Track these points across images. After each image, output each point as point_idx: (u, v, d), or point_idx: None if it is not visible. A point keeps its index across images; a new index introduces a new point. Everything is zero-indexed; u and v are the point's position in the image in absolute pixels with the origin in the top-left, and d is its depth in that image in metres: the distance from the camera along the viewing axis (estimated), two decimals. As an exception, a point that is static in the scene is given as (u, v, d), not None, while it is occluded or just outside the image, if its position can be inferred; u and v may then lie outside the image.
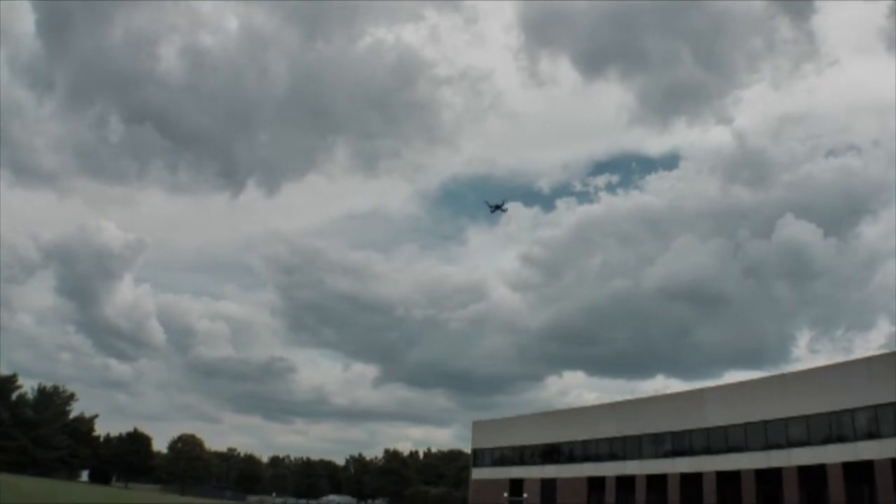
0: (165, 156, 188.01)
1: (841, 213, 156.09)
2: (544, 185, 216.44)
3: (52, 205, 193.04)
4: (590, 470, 66.24)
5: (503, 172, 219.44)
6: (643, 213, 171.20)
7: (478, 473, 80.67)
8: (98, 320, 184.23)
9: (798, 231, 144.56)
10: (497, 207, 73.64)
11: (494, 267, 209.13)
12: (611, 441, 65.48)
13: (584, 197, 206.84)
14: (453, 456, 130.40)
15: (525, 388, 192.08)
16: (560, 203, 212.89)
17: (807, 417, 49.41)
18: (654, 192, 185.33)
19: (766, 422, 52.17)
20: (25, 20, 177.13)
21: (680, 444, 58.99)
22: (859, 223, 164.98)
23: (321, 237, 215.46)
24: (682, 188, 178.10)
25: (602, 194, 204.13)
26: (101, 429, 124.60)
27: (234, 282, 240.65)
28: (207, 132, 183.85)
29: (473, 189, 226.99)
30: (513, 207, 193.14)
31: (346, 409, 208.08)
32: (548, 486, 70.23)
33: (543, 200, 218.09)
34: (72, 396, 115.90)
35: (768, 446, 51.74)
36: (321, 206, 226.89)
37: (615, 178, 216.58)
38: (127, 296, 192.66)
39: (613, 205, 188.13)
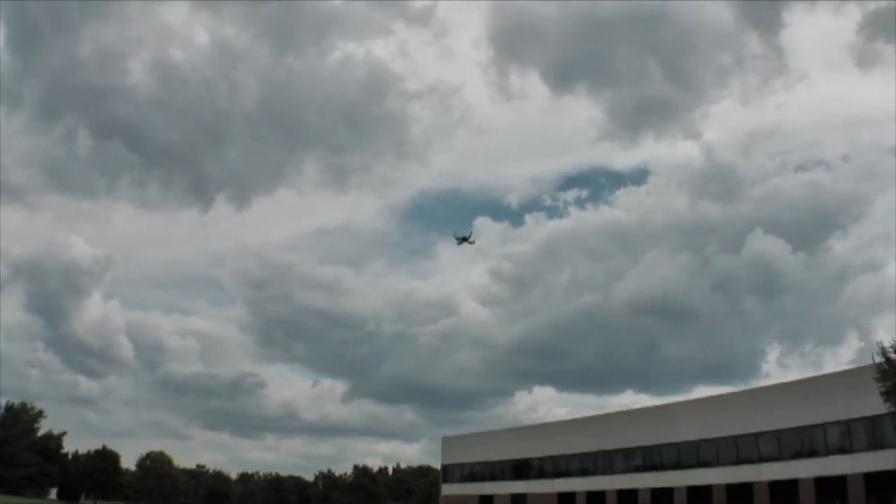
0: (134, 171, 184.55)
1: (810, 227, 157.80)
2: (513, 199, 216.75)
3: (21, 220, 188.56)
4: (560, 485, 65.49)
5: (472, 187, 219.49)
6: (612, 228, 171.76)
7: (448, 489, 79.57)
8: (67, 337, 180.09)
9: (767, 246, 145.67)
10: (464, 240, 72.63)
11: (464, 282, 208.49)
12: (581, 456, 64.90)
13: (554, 212, 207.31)
14: (423, 472, 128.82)
15: (494, 403, 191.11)
16: (529, 218, 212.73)
17: (778, 432, 49.22)
18: (623, 207, 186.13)
19: (736, 436, 51.94)
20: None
21: (650, 458, 58.60)
22: (828, 238, 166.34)
23: (291, 252, 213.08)
24: (650, 203, 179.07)
25: (571, 209, 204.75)
26: (70, 446, 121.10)
27: (204, 297, 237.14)
28: (177, 147, 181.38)
29: (442, 204, 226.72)
30: (482, 222, 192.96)
31: (316, 424, 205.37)
32: (518, 501, 69.52)
33: (513, 215, 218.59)
34: (40, 413, 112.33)
35: (739, 461, 51.45)
36: (291, 220, 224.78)
37: (584, 193, 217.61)
38: (95, 312, 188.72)
39: (583, 219, 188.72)
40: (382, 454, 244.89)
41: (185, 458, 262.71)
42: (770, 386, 54.56)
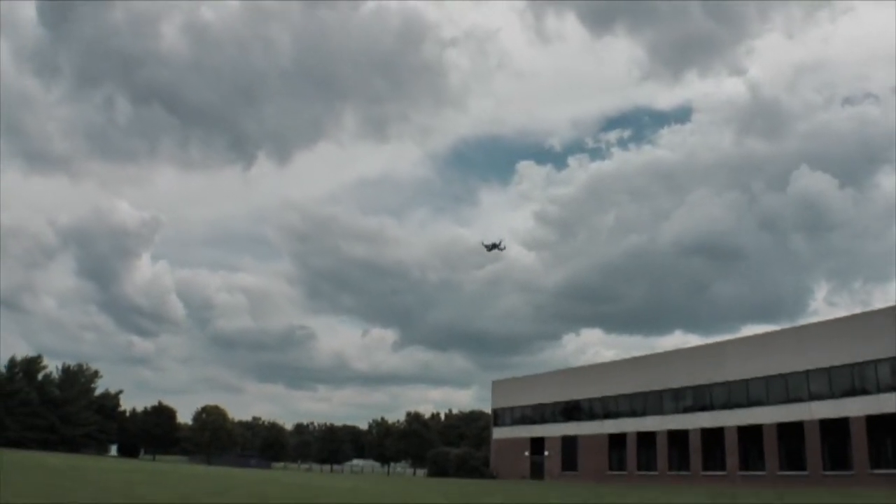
0: (174, 133, 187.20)
1: (857, 163, 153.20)
2: (556, 142, 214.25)
3: (66, 189, 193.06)
4: (610, 426, 66.01)
5: (513, 132, 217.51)
6: (656, 168, 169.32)
7: (498, 433, 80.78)
8: (118, 299, 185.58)
9: (814, 182, 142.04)
10: (494, 246, 72.26)
11: (508, 226, 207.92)
12: (631, 397, 65.06)
13: (597, 153, 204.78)
14: (474, 417, 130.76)
15: (542, 346, 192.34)
16: (572, 160, 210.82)
17: (828, 370, 48.65)
18: (667, 147, 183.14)
19: (786, 374, 51.51)
20: (27, 8, 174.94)
21: (700, 398, 58.53)
22: (877, 173, 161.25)
23: (334, 204, 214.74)
24: (695, 141, 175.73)
25: (614, 150, 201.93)
26: (127, 404, 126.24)
27: (250, 253, 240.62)
28: (215, 107, 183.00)
29: (484, 149, 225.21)
30: (525, 166, 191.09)
31: (367, 373, 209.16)
32: (569, 443, 70.24)
33: (555, 158, 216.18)
34: (96, 374, 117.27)
35: (789, 399, 51.13)
36: (332, 173, 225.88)
37: (627, 134, 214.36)
38: (145, 273, 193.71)
39: (626, 160, 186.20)
40: (434, 401, 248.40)
41: (239, 411, 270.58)
42: (820, 323, 53.67)
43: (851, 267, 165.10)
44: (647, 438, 61.95)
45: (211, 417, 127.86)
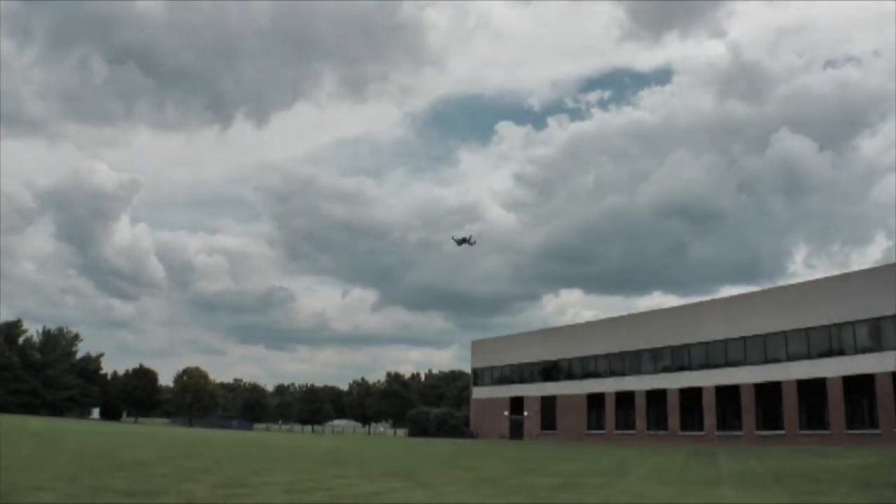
0: (151, 94, 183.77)
1: (838, 126, 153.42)
2: (535, 102, 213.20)
3: (43, 152, 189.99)
4: (590, 386, 66.50)
5: (493, 92, 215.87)
6: (636, 129, 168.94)
7: (478, 393, 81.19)
8: (98, 262, 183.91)
9: (793, 145, 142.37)
10: (464, 241, 70.54)
11: (487, 187, 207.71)
12: (609, 357, 65.46)
13: (576, 114, 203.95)
14: (454, 376, 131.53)
15: (522, 307, 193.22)
16: (552, 121, 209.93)
17: (805, 331, 49.10)
18: (647, 108, 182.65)
19: (764, 335, 51.91)
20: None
21: (679, 358, 58.93)
22: (856, 136, 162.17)
23: (313, 165, 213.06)
24: (675, 103, 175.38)
25: (594, 111, 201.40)
26: (108, 367, 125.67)
27: (230, 215, 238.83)
28: (191, 68, 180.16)
29: (463, 110, 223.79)
30: (504, 126, 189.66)
31: (347, 334, 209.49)
32: (548, 403, 70.79)
33: (535, 118, 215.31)
34: (76, 337, 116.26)
35: (767, 360, 51.63)
36: (311, 134, 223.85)
37: (607, 95, 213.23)
38: (125, 236, 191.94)
39: (606, 121, 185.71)
40: (414, 361, 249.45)
41: (221, 373, 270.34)
42: (798, 284, 53.94)
43: (830, 230, 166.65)
44: (625, 398, 62.48)
45: (192, 380, 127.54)
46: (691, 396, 56.58)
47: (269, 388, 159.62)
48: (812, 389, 48.14)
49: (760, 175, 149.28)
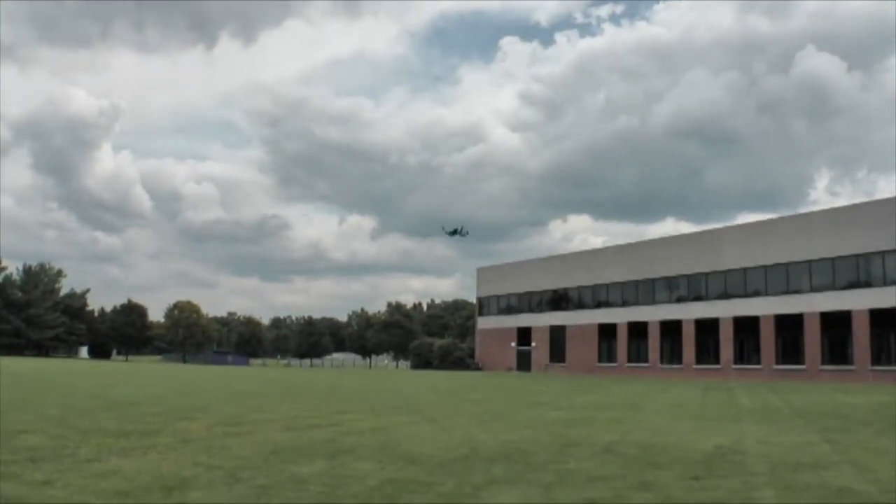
0: (129, 14, 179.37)
1: (868, 45, 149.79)
2: (542, 17, 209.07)
3: (15, 79, 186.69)
4: (601, 316, 66.83)
5: (496, 6, 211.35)
6: (650, 46, 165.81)
7: (483, 323, 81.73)
8: (80, 194, 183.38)
9: (819, 64, 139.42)
10: (456, 232, 70.46)
11: (491, 107, 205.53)
12: (622, 286, 65.57)
13: (586, 30, 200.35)
14: (458, 306, 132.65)
15: (528, 233, 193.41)
16: (560, 37, 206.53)
17: (832, 260, 48.95)
18: (663, 23, 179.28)
19: (786, 265, 51.83)
20: None
21: (695, 288, 59.07)
22: (889, 56, 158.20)
23: (305, 85, 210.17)
24: (692, 18, 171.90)
25: (605, 26, 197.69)
26: (95, 303, 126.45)
27: (218, 140, 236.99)
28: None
29: (465, 25, 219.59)
30: (509, 42, 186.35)
31: (345, 263, 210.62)
32: (557, 333, 71.28)
33: (542, 34, 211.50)
34: (59, 273, 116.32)
35: (789, 291, 51.72)
36: (303, 52, 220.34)
37: (619, 9, 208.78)
38: (107, 165, 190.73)
39: (618, 37, 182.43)
40: (416, 290, 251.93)
41: (213, 306, 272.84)
42: (824, 211, 53.41)
43: (856, 155, 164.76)
44: (638, 329, 62.85)
45: (184, 314, 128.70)
46: (707, 328, 56.91)
47: (265, 321, 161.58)
48: (836, 322, 48.23)
49: (783, 96, 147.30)
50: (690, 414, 17.78)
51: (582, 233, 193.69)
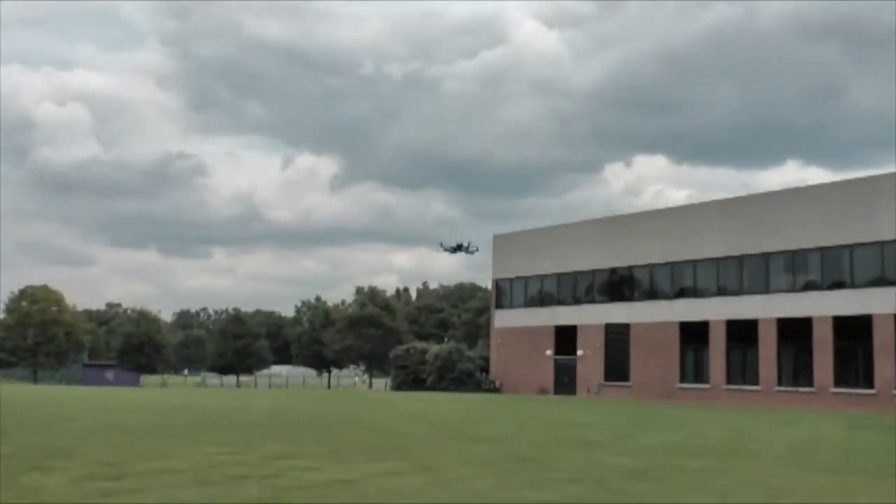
0: None
1: None
2: None
3: None
4: (684, 311, 66.96)
5: None
6: None
7: (503, 319, 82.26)
8: None
9: None
10: (459, 248, 77.74)
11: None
12: (717, 264, 65.57)
13: None
14: (464, 293, 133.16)
15: (572, 183, 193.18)
16: None
17: None
18: None
19: None
20: None
21: (834, 269, 59.08)
22: None
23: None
24: None
25: None
26: None
27: (91, 38, 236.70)
28: None
29: None
30: None
31: (292, 228, 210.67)
32: (616, 336, 71.69)
33: None
34: None
35: None
36: None
37: None
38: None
39: None
40: (400, 270, 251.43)
41: (85, 294, 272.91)
42: None
43: None
44: (742, 331, 62.60)
45: (37, 306, 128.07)
46: (853, 330, 56.68)
47: (167, 317, 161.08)
48: None
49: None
50: (830, 464, 17.89)
51: (655, 182, 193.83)
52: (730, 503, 11.57)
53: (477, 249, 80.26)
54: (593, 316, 73.49)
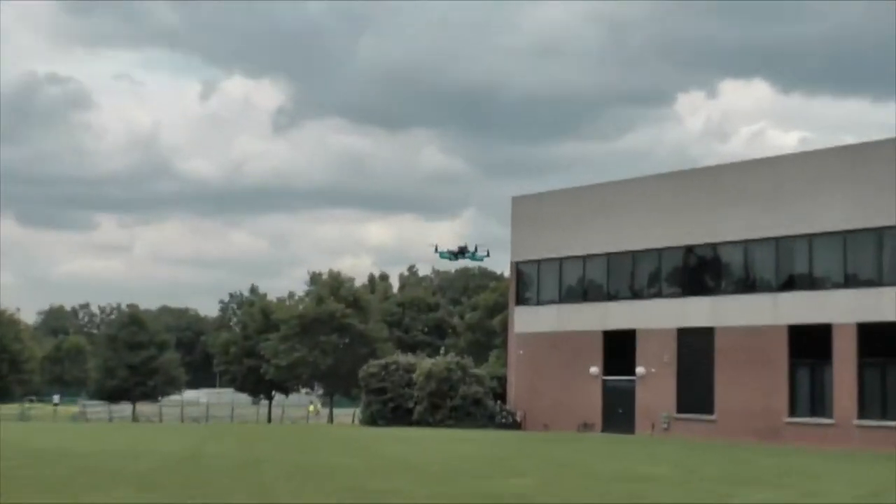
0: None
1: None
2: None
3: None
4: (795, 308, 66.41)
5: None
6: None
7: (526, 320, 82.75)
8: None
9: None
10: (462, 254, 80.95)
11: None
12: (844, 240, 65.08)
13: None
14: (467, 282, 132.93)
15: (629, 120, 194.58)
16: None
17: None
18: None
19: None
20: None
21: None
22: None
23: None
24: None
25: None
26: None
27: None
28: None
29: None
30: None
31: (217, 187, 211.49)
32: (694, 345, 71.72)
33: None
34: None
35: None
36: None
37: None
38: None
39: None
40: (375, 248, 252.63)
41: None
42: None
43: None
44: (885, 339, 62.01)
45: None
46: None
47: (29, 316, 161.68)
48: None
49: None
50: None
51: (752, 119, 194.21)
52: None
53: (487, 255, 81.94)
54: (660, 316, 73.26)
